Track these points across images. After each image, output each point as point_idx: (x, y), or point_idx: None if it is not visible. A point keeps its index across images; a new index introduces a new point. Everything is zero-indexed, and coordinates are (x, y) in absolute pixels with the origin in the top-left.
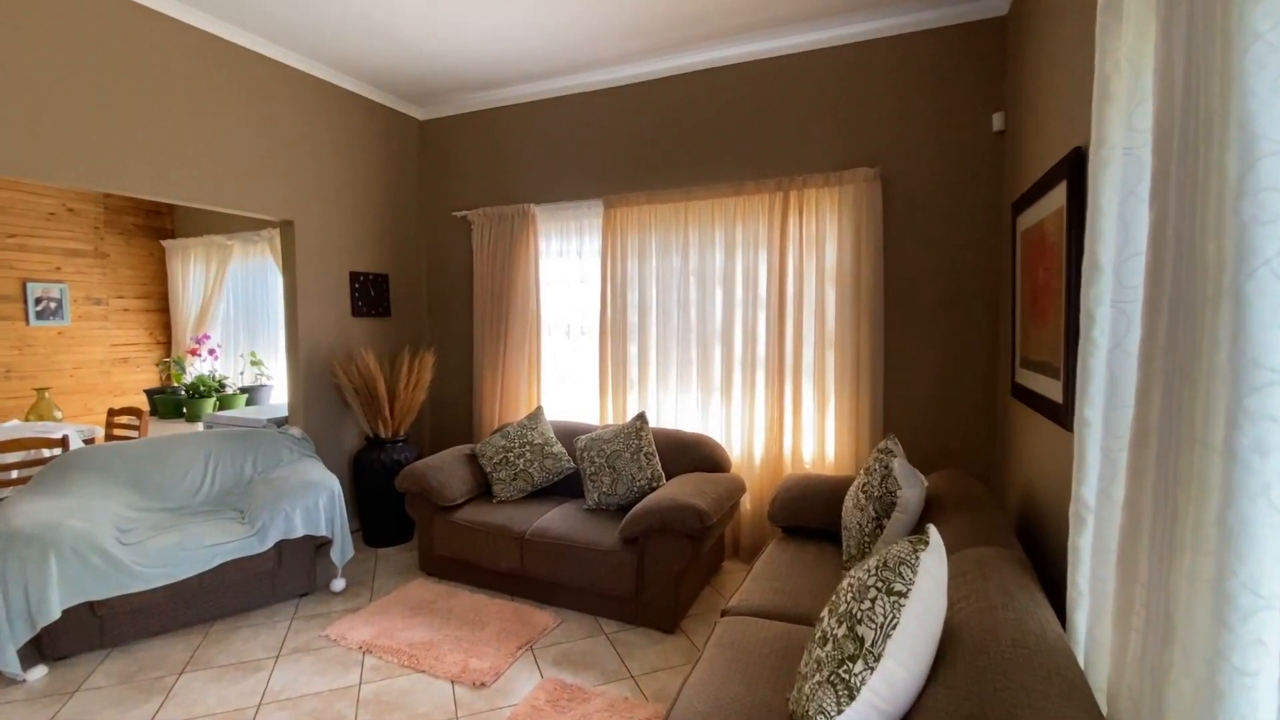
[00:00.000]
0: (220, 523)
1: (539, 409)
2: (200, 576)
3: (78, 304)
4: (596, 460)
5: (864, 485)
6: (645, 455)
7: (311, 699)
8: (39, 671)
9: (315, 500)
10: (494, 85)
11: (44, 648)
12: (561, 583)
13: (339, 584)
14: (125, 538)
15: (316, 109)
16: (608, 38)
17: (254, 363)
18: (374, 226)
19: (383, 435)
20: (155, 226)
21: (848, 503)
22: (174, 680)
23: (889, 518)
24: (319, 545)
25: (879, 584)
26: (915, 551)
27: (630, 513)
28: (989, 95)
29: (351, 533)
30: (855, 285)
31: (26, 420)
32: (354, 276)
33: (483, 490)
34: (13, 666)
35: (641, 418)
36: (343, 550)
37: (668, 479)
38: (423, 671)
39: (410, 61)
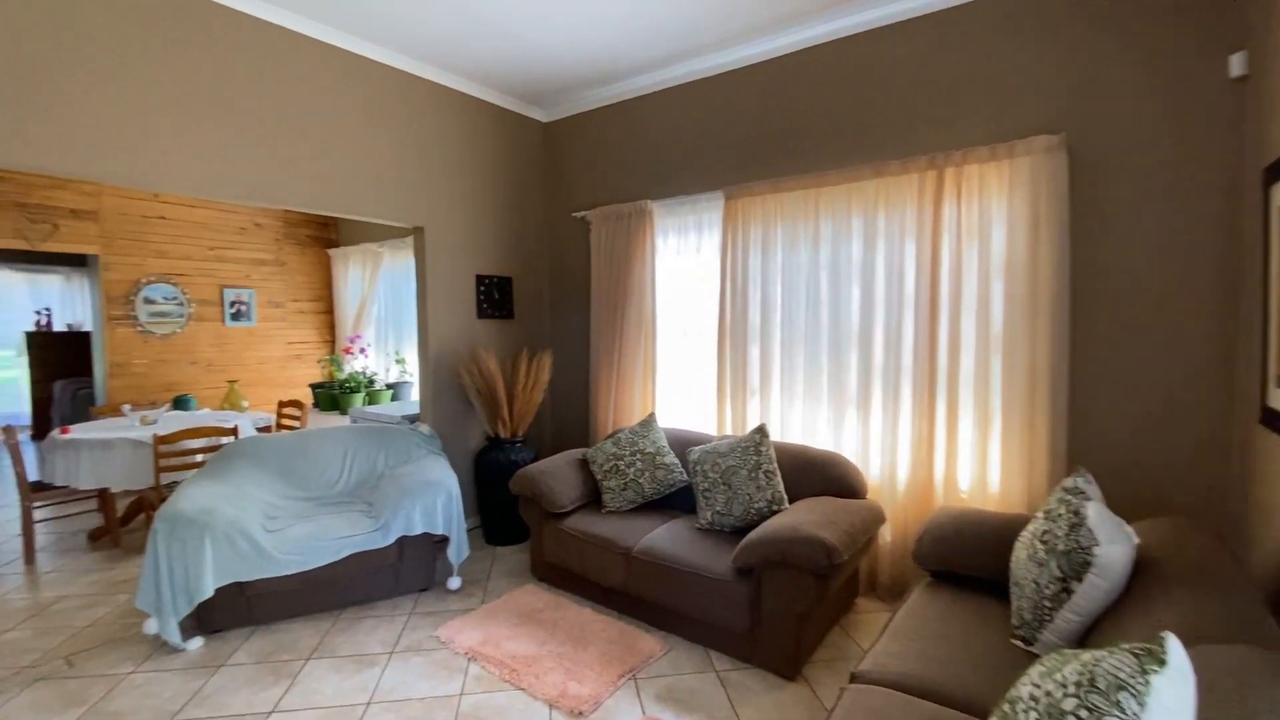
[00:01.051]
0: (350, 515)
1: (651, 415)
2: (331, 566)
3: (262, 307)
4: (710, 475)
5: (1044, 533)
6: (765, 473)
7: (415, 704)
8: (196, 643)
9: (434, 500)
10: (612, 79)
11: (203, 621)
12: (669, 608)
13: (455, 582)
14: (270, 524)
15: (446, 117)
16: (730, 14)
17: (398, 360)
18: (499, 230)
19: (502, 435)
20: (323, 237)
21: (1020, 552)
22: (301, 666)
23: (1080, 580)
24: (438, 542)
25: (1083, 711)
26: (1144, 674)
27: (745, 539)
28: (1221, 30)
29: (472, 529)
30: (1030, 280)
31: (220, 409)
32: (479, 279)
33: (593, 498)
34: (174, 637)
35: (762, 431)
36: (459, 550)
37: (791, 502)
38: (522, 689)
39: (532, 62)
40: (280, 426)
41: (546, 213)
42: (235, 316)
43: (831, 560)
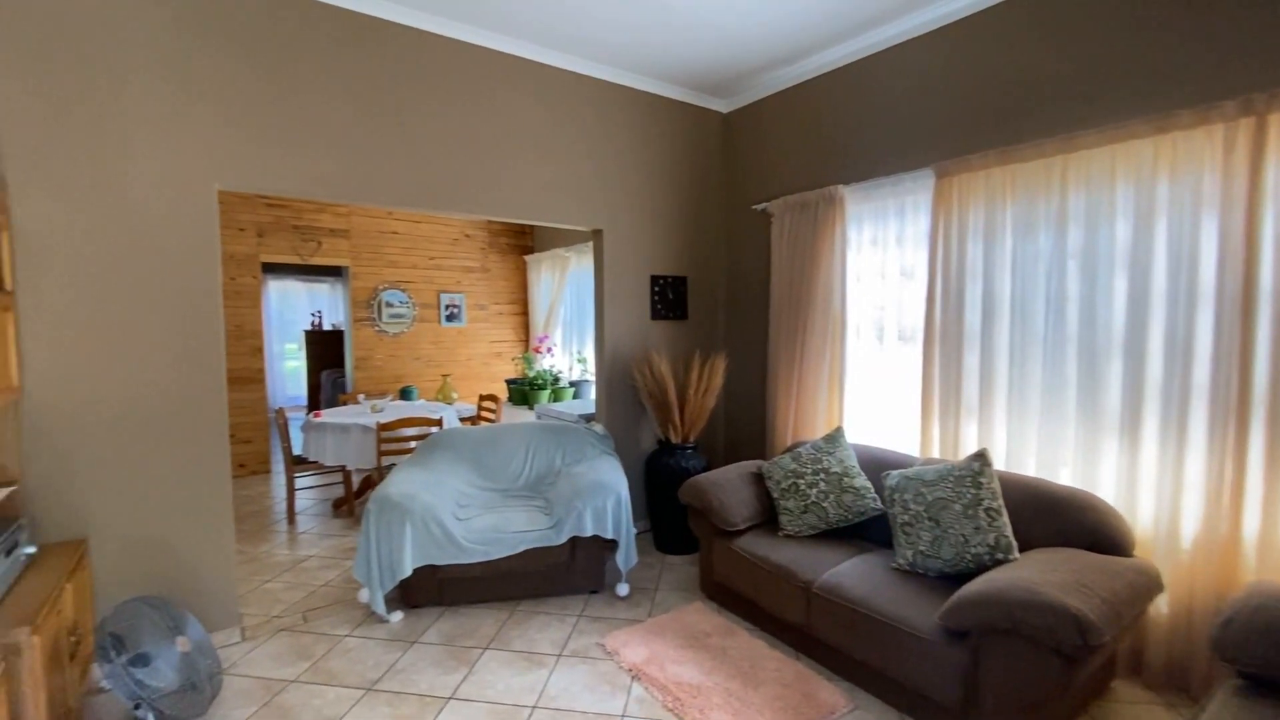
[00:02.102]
0: (529, 511)
1: (839, 430)
2: (510, 558)
3: (470, 309)
4: (912, 507)
5: None
6: (987, 512)
7: (577, 717)
8: (398, 616)
9: (605, 502)
10: (798, 56)
11: (405, 597)
12: (856, 658)
13: (623, 589)
14: (461, 512)
15: (625, 117)
16: None
17: (580, 360)
18: (674, 229)
19: (673, 440)
20: (520, 245)
21: None
22: (479, 655)
23: None
24: (608, 544)
25: None
26: None
27: (960, 593)
28: None
29: (643, 533)
30: None
31: (435, 400)
32: (654, 280)
33: (769, 517)
34: (380, 608)
35: (983, 458)
36: (627, 556)
37: (1021, 551)
38: None
39: (713, 48)
40: (480, 418)
41: (724, 208)
42: (449, 318)
43: (1087, 640)
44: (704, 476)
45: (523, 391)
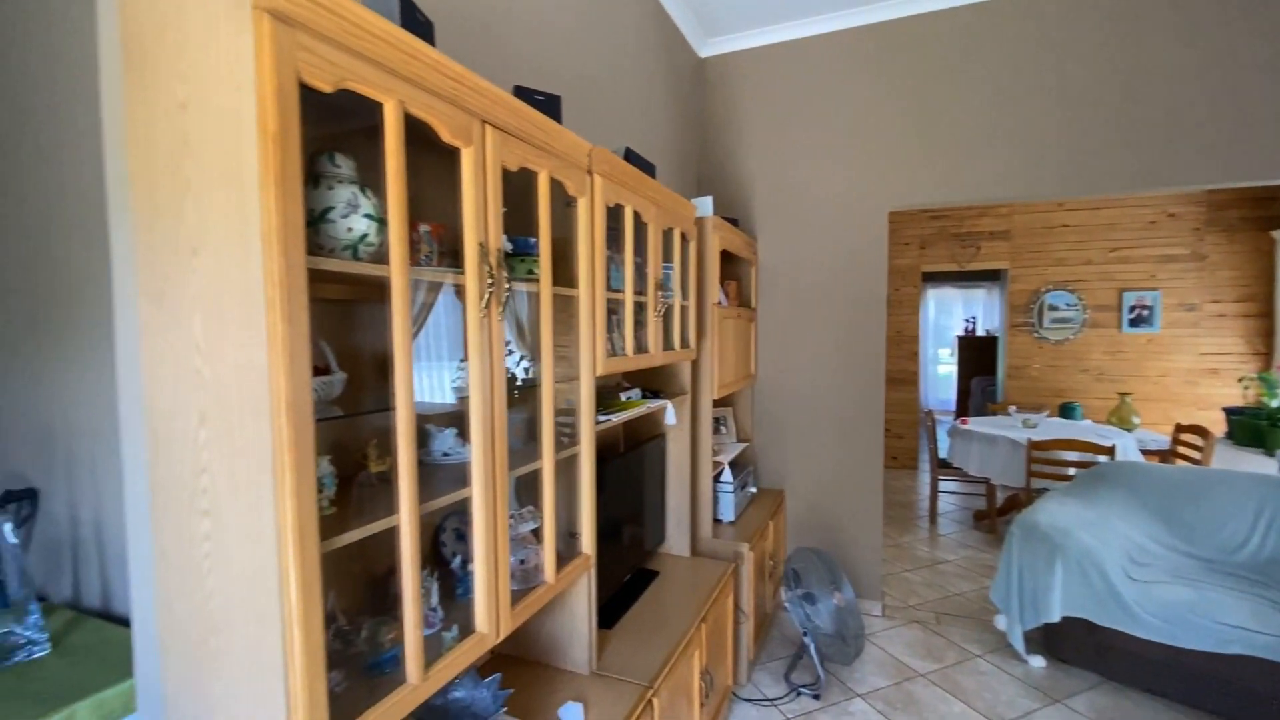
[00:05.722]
0: (1252, 601)
1: None
2: (1213, 657)
3: (1168, 310)
4: None
5: None
6: None
7: None
8: (1039, 661)
9: None
10: None
11: (1049, 643)
12: None
13: None
14: (1135, 571)
15: None
16: None
17: None
18: None
19: None
20: (1262, 217)
21: None
22: None
23: None
24: None
25: None
26: None
27: None
28: None
29: None
30: None
31: (1107, 422)
32: None
33: None
34: (1018, 644)
35: None
36: None
37: None
38: None
39: None
40: (1174, 455)
41: None
42: (1134, 322)
43: None
44: None
45: (1255, 427)
